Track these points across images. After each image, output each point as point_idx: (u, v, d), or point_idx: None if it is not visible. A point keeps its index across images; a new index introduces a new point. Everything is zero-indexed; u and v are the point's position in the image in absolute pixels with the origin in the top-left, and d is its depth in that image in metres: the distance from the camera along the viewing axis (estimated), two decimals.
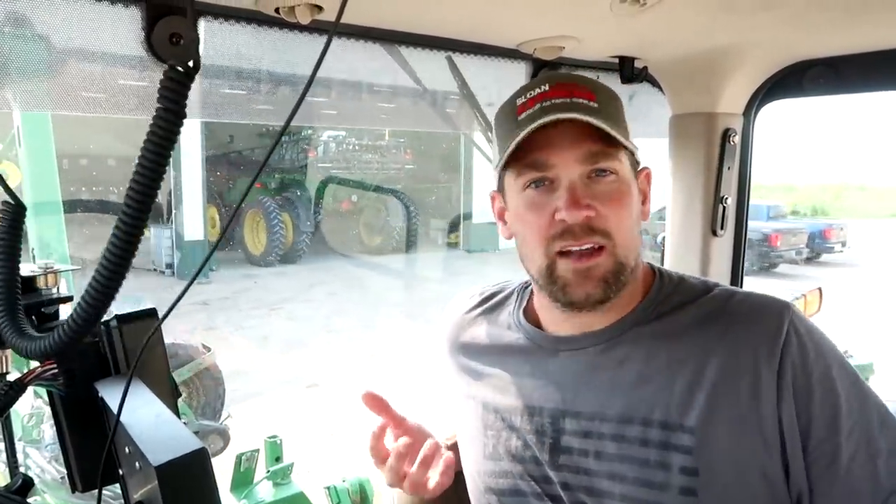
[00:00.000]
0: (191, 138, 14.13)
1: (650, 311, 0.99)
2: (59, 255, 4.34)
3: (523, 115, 0.95)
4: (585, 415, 0.97)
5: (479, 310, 1.18)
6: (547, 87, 0.95)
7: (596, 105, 0.94)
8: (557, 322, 1.04)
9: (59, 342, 0.72)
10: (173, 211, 14.01)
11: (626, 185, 0.95)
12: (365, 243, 18.96)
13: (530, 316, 1.10)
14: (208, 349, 5.21)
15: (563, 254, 0.93)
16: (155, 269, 13.64)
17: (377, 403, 1.04)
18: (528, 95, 0.96)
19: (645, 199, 1.02)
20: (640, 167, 1.02)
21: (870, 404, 0.90)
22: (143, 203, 0.65)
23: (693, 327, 0.95)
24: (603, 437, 0.94)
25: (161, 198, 13.86)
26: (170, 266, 13.66)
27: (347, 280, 14.64)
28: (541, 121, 0.90)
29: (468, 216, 20.35)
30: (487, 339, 1.13)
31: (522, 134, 0.90)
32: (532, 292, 1.13)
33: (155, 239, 13.66)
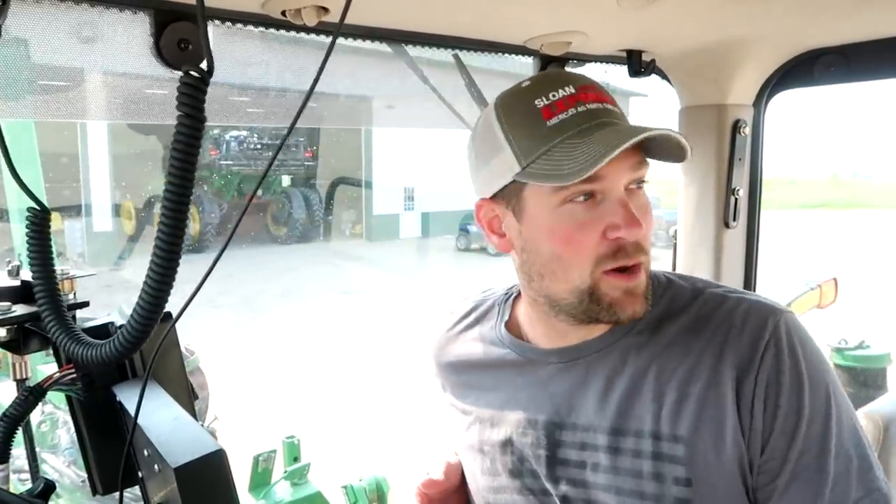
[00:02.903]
0: (97, 137, 15.63)
1: (640, 320, 0.94)
2: None
3: (555, 121, 0.86)
4: (581, 426, 0.95)
5: (461, 326, 1.16)
6: (573, 90, 0.87)
7: (618, 110, 0.89)
8: (550, 335, 1.01)
9: (119, 349, 0.73)
10: (82, 205, 15.99)
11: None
12: (272, 233, 21.40)
13: (513, 329, 1.07)
14: (192, 353, 5.18)
15: (608, 272, 0.89)
16: (69, 258, 15.41)
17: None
18: (550, 97, 0.87)
19: None
20: None
21: (831, 431, 0.85)
22: (179, 209, 0.67)
23: (681, 336, 0.92)
24: (598, 449, 0.93)
25: (73, 193, 16.29)
26: (81, 255, 15.69)
27: (245, 266, 16.44)
28: (628, 143, 0.80)
29: (370, 209, 23.22)
30: (475, 355, 1.10)
31: (613, 153, 0.80)
32: (513, 304, 1.10)
33: (68, 230, 15.65)
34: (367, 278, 16.82)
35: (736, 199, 1.63)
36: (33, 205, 0.85)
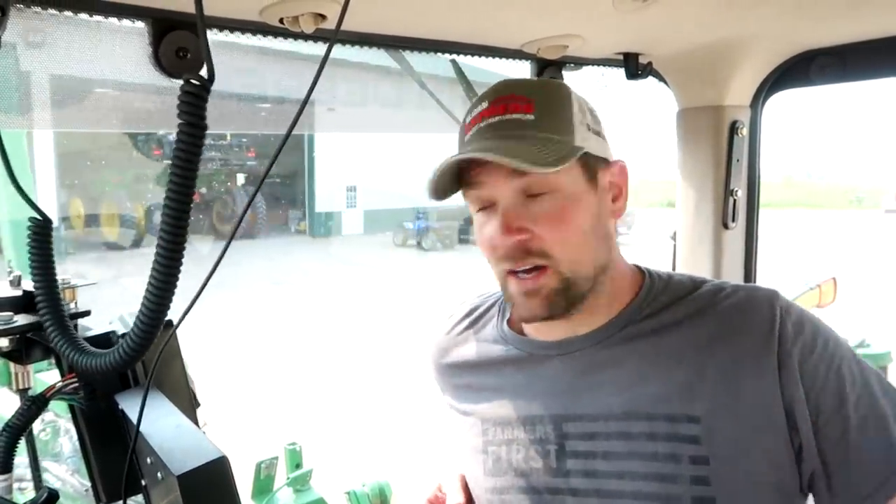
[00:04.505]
0: (42, 137, 16.27)
1: (641, 309, 0.98)
2: None
3: (467, 137, 0.95)
4: (588, 416, 0.96)
5: (461, 327, 1.17)
6: (486, 105, 0.94)
7: (532, 117, 0.92)
8: (546, 329, 1.02)
9: (124, 358, 0.74)
10: None
11: (568, 199, 0.92)
12: (217, 230, 22.78)
13: (514, 326, 1.09)
14: None
15: (511, 272, 0.94)
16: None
17: None
18: (472, 113, 0.96)
19: (619, 195, 0.99)
20: (613, 161, 0.98)
21: (868, 372, 0.92)
22: (180, 216, 0.67)
23: (686, 322, 0.95)
24: (609, 437, 0.94)
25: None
26: None
27: (186, 259, 18.56)
28: (458, 157, 0.90)
29: (312, 206, 25.26)
30: (476, 356, 1.11)
31: (440, 168, 0.91)
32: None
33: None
34: (298, 270, 18.60)
35: (734, 200, 1.63)
36: (30, 214, 0.85)
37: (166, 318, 1.01)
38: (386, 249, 23.36)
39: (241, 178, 24.37)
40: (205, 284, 0.74)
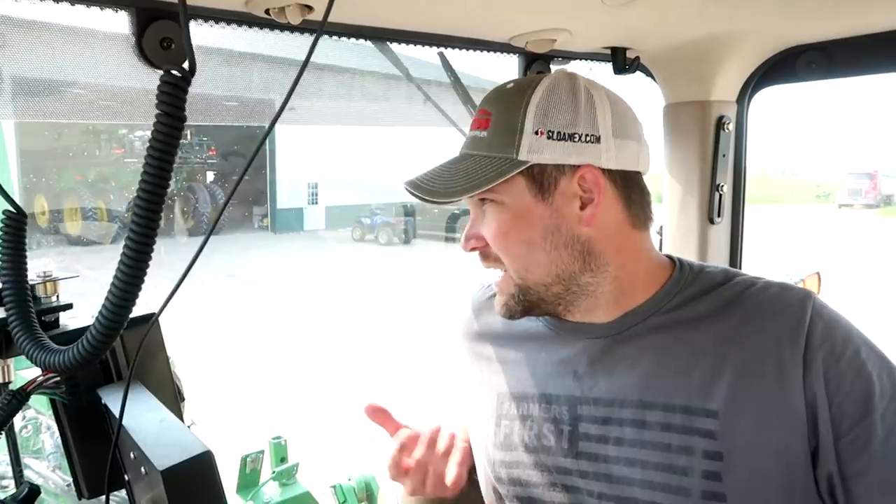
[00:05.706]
0: (4, 132, 16.31)
1: (667, 300, 0.98)
2: None
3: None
4: (604, 401, 0.96)
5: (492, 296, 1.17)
6: (476, 113, 0.99)
7: (484, 134, 0.94)
8: (575, 312, 1.02)
9: (81, 355, 0.72)
10: None
11: (511, 213, 0.94)
12: (181, 226, 23.59)
13: None
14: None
15: None
16: None
17: (380, 415, 1.06)
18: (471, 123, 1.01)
19: (589, 201, 0.93)
20: (577, 167, 0.92)
21: None
22: (152, 210, 0.66)
23: (712, 315, 0.94)
24: (623, 424, 0.94)
25: None
26: None
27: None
28: (404, 183, 0.97)
29: (274, 203, 26.20)
30: (503, 326, 1.11)
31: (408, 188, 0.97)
32: None
33: None
34: (252, 264, 19.37)
35: (720, 195, 1.64)
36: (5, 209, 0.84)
37: (151, 312, 1.01)
38: (345, 244, 24.05)
39: (210, 176, 25.38)
40: (183, 277, 0.73)
